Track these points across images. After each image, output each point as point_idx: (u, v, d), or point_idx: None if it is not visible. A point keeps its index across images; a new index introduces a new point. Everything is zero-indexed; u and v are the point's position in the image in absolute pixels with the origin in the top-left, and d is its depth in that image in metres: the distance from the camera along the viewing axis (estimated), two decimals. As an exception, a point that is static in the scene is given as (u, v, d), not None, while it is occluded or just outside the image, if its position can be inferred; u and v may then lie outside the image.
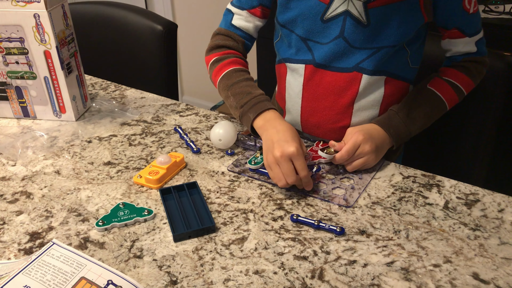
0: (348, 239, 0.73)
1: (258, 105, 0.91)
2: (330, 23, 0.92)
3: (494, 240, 0.72)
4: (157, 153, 0.98)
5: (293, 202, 0.82)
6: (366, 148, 0.87)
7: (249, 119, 0.91)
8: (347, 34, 0.92)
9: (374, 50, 0.92)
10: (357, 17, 0.89)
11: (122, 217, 0.78)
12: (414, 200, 0.81)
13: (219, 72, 1.00)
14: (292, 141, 0.81)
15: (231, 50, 1.04)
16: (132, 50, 1.47)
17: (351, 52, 0.93)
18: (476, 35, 0.96)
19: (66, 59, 1.05)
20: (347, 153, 0.87)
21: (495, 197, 0.82)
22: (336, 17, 0.91)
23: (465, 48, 0.97)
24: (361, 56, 0.93)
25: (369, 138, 0.88)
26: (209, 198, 0.84)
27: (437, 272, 0.67)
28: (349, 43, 0.92)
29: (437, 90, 0.96)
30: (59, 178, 0.90)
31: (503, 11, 1.64)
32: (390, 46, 0.91)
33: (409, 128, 0.93)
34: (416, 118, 0.94)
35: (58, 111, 1.10)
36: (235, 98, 0.95)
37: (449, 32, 0.96)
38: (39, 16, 0.98)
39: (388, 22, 0.89)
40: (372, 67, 0.93)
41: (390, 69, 0.95)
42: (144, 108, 1.16)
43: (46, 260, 0.63)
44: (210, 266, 0.69)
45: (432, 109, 0.96)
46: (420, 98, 0.96)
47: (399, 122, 0.93)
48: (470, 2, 0.91)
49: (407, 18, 0.89)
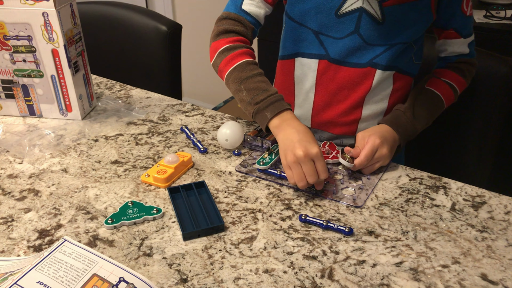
0: (357, 240, 0.74)
1: (276, 104, 0.89)
2: (345, 19, 0.93)
3: (501, 241, 0.73)
4: (164, 152, 0.98)
5: (301, 202, 0.82)
6: (383, 151, 0.88)
7: (266, 118, 0.89)
8: (362, 31, 0.93)
9: (388, 46, 0.94)
10: (373, 14, 0.91)
11: (131, 215, 0.78)
12: (421, 202, 0.82)
13: (231, 61, 0.96)
14: (314, 142, 0.82)
15: (241, 37, 1.00)
16: (137, 50, 1.47)
17: (365, 49, 0.95)
18: (469, 37, 1.01)
19: (74, 58, 1.05)
20: (366, 159, 0.87)
21: (501, 199, 0.82)
22: (351, 13, 0.92)
23: (459, 48, 1.02)
24: (375, 52, 0.95)
25: (384, 141, 0.89)
26: (217, 198, 0.84)
27: (445, 272, 0.67)
28: (364, 40, 0.94)
29: (436, 90, 1.00)
30: (67, 176, 0.90)
31: (505, 16, 1.66)
32: (403, 42, 0.94)
33: (416, 126, 0.96)
34: (421, 117, 0.97)
35: (64, 110, 1.10)
36: (249, 93, 0.92)
37: (447, 33, 1.00)
38: (48, 14, 0.98)
39: (402, 20, 0.92)
40: (385, 63, 0.96)
41: (400, 65, 0.98)
42: (150, 108, 1.17)
43: (58, 257, 0.63)
44: (220, 264, 0.69)
45: (434, 108, 0.99)
46: (422, 97, 0.99)
47: (407, 121, 0.95)
48: (468, 5, 0.97)
49: (420, 17, 0.93)
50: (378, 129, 0.92)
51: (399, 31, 0.93)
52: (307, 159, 0.80)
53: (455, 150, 1.19)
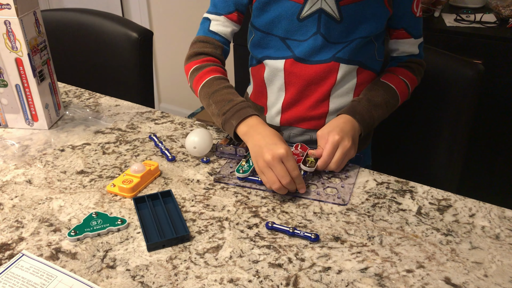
0: (323, 246, 0.74)
1: (241, 112, 0.91)
2: (306, 22, 0.97)
3: (465, 244, 0.73)
4: (131, 161, 0.97)
5: (268, 209, 0.82)
6: (345, 144, 0.90)
7: (232, 126, 0.91)
8: (323, 30, 0.97)
9: (348, 42, 0.99)
10: (331, 14, 0.96)
11: (95, 226, 0.77)
12: (387, 206, 0.82)
13: (199, 80, 1.00)
14: (280, 143, 0.83)
15: (210, 57, 1.04)
16: (107, 57, 1.46)
17: (328, 47, 0.99)
18: (419, 38, 1.06)
19: (39, 67, 1.04)
20: (328, 156, 0.89)
21: (466, 202, 0.83)
22: (311, 15, 0.97)
23: (410, 48, 1.06)
24: (336, 49, 1.00)
25: (344, 135, 0.90)
26: (184, 207, 0.83)
27: (410, 277, 0.68)
28: (326, 39, 0.98)
29: (390, 83, 1.03)
30: (31, 188, 0.88)
31: (474, 20, 1.68)
32: (363, 37, 0.99)
33: (372, 113, 0.98)
34: (377, 105, 0.99)
35: (30, 120, 1.08)
36: (217, 105, 0.95)
37: (398, 32, 1.04)
38: (10, 23, 0.96)
39: (360, 17, 0.97)
40: (347, 57, 1.00)
41: (362, 60, 1.03)
42: (119, 116, 1.15)
43: (15, 272, 0.61)
44: (185, 275, 0.68)
45: (388, 97, 1.01)
46: (377, 87, 1.02)
47: (362, 108, 0.98)
48: (418, 6, 1.02)
49: (376, 13, 0.97)
50: (336, 122, 0.94)
51: (358, 28, 0.98)
52: (275, 161, 0.81)
53: (425, 153, 1.20)
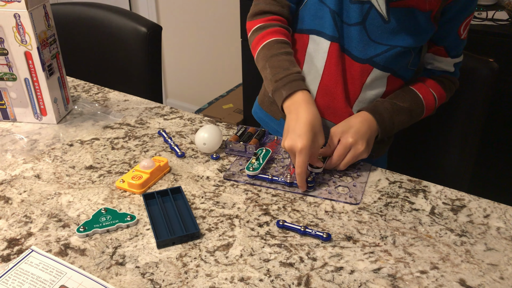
0: (335, 245, 0.72)
1: (293, 83, 0.89)
2: (355, 6, 0.92)
3: (480, 246, 0.72)
4: (140, 157, 0.96)
5: (279, 207, 0.81)
6: (358, 148, 0.88)
7: (281, 96, 0.90)
8: (368, 24, 0.93)
9: (389, 47, 0.94)
10: (379, 11, 0.92)
11: (104, 223, 0.76)
12: (400, 206, 0.81)
13: (260, 40, 0.97)
14: (304, 135, 0.81)
15: (276, 16, 0.99)
16: (116, 52, 1.45)
17: (368, 44, 0.95)
18: (457, 58, 1.02)
19: (48, 61, 1.03)
20: (338, 158, 0.88)
21: (480, 202, 0.82)
22: (361, 3, 0.92)
23: (445, 66, 1.02)
24: (375, 50, 0.95)
25: (358, 137, 0.89)
26: (194, 204, 0.82)
27: (424, 278, 0.66)
28: (367, 34, 0.94)
29: (419, 92, 0.99)
30: (39, 183, 0.88)
31: (486, 17, 1.66)
32: (404, 47, 0.94)
33: (393, 117, 0.95)
34: (400, 110, 0.96)
35: (39, 114, 1.07)
36: (272, 71, 0.92)
37: (436, 48, 1.00)
38: (20, 16, 0.95)
39: (407, 24, 0.92)
40: (383, 63, 0.96)
41: (396, 68, 0.98)
42: (128, 111, 1.14)
43: (24, 268, 0.61)
44: (195, 273, 0.68)
45: (414, 107, 0.98)
46: (403, 94, 0.99)
47: (384, 110, 0.95)
48: (465, 29, 0.97)
49: (423, 25, 0.93)
50: (353, 121, 0.91)
51: (402, 34, 0.93)
52: (290, 153, 0.84)
53: (437, 152, 1.19)
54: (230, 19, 2.57)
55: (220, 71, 2.80)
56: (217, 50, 2.75)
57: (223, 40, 2.68)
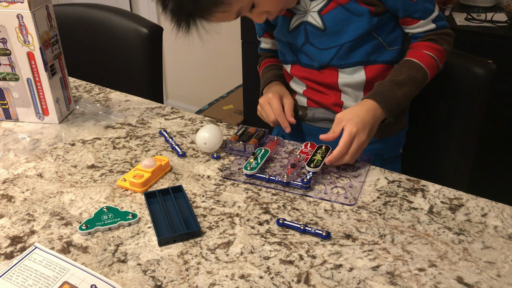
0: (334, 243, 0.73)
1: (266, 82, 1.15)
2: (295, 33, 1.05)
3: (477, 244, 0.73)
4: (141, 156, 0.97)
5: (279, 206, 0.82)
6: (361, 137, 0.90)
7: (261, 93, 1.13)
8: (311, 39, 1.03)
9: (338, 47, 1.02)
10: (315, 24, 1.01)
11: (106, 221, 0.77)
12: (399, 205, 0.82)
13: (260, 71, 1.24)
14: (273, 92, 1.08)
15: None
16: (117, 53, 1.46)
17: (320, 54, 1.04)
18: (430, 15, 1.00)
19: (50, 61, 1.04)
20: (345, 146, 0.88)
21: (478, 201, 0.82)
22: (298, 27, 1.04)
23: (423, 28, 1.02)
24: (329, 55, 1.03)
25: (361, 126, 0.90)
26: (195, 202, 0.83)
27: (422, 276, 0.67)
28: (315, 47, 1.04)
29: (413, 58, 1.00)
30: (42, 181, 0.89)
31: (485, 19, 1.67)
32: (350, 41, 1.00)
33: (395, 92, 0.96)
34: (400, 83, 0.97)
35: (41, 114, 1.08)
36: (262, 84, 1.18)
37: (402, 20, 1.02)
38: (23, 16, 0.96)
39: (341, 22, 0.99)
40: (341, 62, 1.03)
41: (363, 58, 1.02)
42: (129, 111, 1.15)
43: (28, 265, 0.62)
44: (196, 270, 0.68)
45: (414, 73, 0.98)
46: (399, 67, 1.00)
47: (384, 89, 0.97)
48: None
49: (354, 14, 0.98)
50: (357, 110, 0.93)
51: (342, 32, 1.00)
52: (264, 103, 1.07)
53: (435, 151, 1.19)
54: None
55: (221, 72, 2.81)
56: (218, 51, 2.76)
57: (223, 42, 2.69)
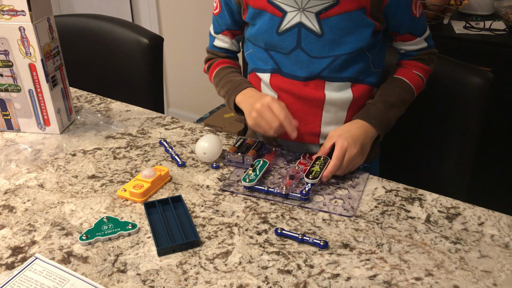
0: (332, 253, 0.74)
1: (238, 87, 1.03)
2: (286, 35, 0.97)
3: (474, 253, 0.74)
4: (142, 166, 0.97)
5: (277, 215, 0.83)
6: (351, 151, 0.90)
7: (232, 101, 1.03)
8: (304, 45, 0.96)
9: (333, 58, 0.96)
10: (311, 28, 0.94)
11: (106, 231, 0.78)
12: (396, 214, 0.83)
13: (211, 74, 1.13)
14: (266, 95, 0.95)
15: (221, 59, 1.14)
16: (118, 63, 1.47)
17: (311, 62, 0.97)
18: (424, 33, 1.02)
19: (51, 72, 1.05)
20: (338, 160, 0.89)
21: (475, 210, 0.83)
22: (290, 29, 0.96)
23: (417, 46, 1.04)
24: (320, 65, 0.97)
25: (352, 141, 0.91)
26: (194, 212, 0.84)
27: (418, 285, 0.68)
28: (307, 53, 0.97)
29: (405, 78, 1.02)
30: (43, 192, 0.90)
31: (483, 27, 1.68)
32: (347, 53, 0.95)
33: (388, 114, 0.97)
34: (393, 104, 0.99)
35: (42, 124, 1.09)
36: (223, 89, 1.07)
37: (402, 36, 1.02)
38: (25, 29, 0.98)
39: (342, 31, 0.94)
40: (333, 74, 0.98)
41: (354, 75, 0.99)
42: (129, 121, 1.16)
43: (29, 275, 0.62)
44: (194, 280, 0.69)
45: (404, 94, 1.01)
46: (391, 86, 1.01)
47: (377, 111, 0.97)
48: (416, 7, 0.98)
49: (358, 26, 0.94)
50: (349, 127, 0.95)
51: (340, 42, 0.95)
52: (264, 108, 0.93)
53: (433, 160, 1.20)
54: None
55: (221, 80, 2.82)
56: (218, 60, 2.77)
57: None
